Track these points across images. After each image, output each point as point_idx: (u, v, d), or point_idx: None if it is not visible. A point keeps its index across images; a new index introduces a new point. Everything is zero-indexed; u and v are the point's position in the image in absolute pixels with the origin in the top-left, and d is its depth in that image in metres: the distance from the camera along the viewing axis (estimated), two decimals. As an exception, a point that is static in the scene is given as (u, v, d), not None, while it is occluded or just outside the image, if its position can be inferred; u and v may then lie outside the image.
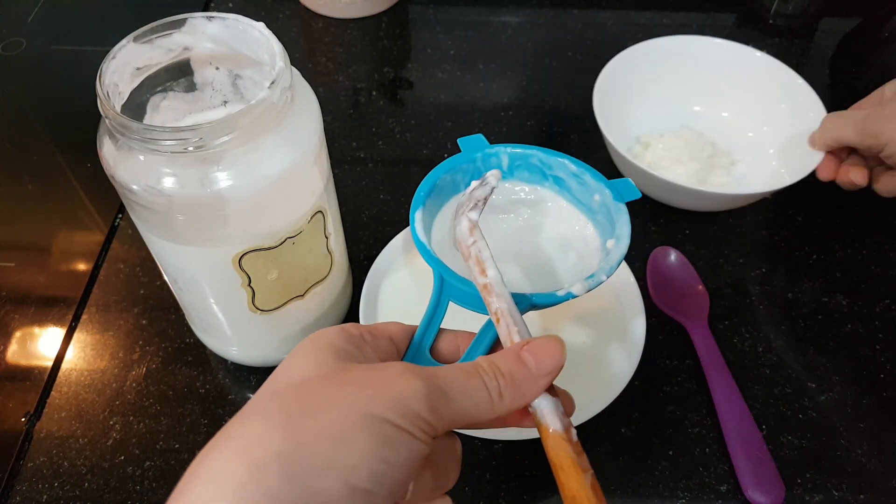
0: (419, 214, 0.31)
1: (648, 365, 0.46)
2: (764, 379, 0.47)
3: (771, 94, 0.58)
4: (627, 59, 0.58)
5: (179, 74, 0.38)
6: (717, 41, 0.59)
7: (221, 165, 0.32)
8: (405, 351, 0.30)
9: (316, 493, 0.20)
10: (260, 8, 0.74)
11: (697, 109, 0.61)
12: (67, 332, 0.49)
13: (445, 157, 0.34)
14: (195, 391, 0.46)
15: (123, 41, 0.35)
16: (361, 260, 0.51)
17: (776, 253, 0.54)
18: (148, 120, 0.38)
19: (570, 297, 0.28)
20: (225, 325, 0.42)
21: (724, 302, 0.51)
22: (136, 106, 0.37)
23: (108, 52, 0.34)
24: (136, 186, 0.32)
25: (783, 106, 0.57)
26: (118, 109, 0.33)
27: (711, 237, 0.55)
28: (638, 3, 0.74)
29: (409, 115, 0.64)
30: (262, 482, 0.20)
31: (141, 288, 0.52)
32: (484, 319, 0.28)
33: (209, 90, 0.40)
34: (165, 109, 0.39)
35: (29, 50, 0.70)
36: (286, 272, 0.39)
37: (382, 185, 0.58)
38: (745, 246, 0.54)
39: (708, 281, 0.51)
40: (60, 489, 0.42)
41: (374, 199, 0.57)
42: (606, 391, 0.41)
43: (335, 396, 0.22)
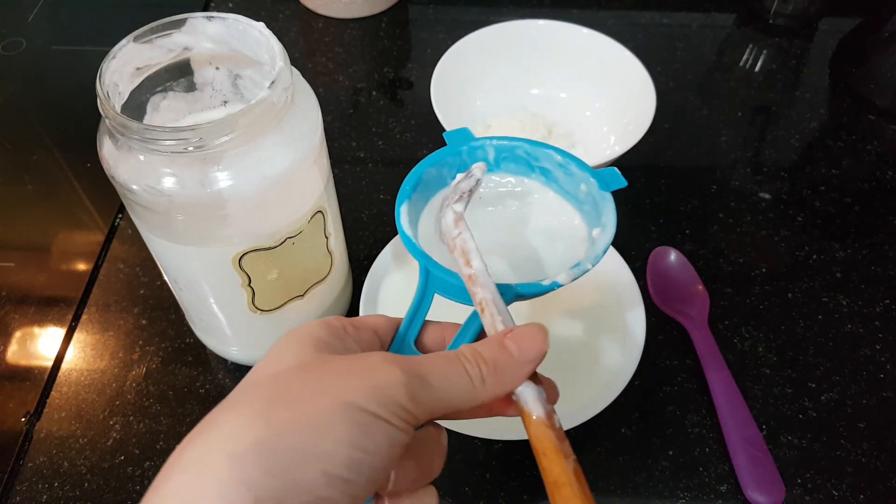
0: (405, 208, 0.31)
1: (648, 365, 0.46)
2: (764, 379, 0.47)
3: (601, 70, 0.59)
4: (470, 43, 0.58)
5: (179, 74, 0.38)
6: (541, 22, 0.60)
7: (221, 165, 0.32)
8: (390, 343, 0.30)
9: (293, 481, 0.20)
10: (260, 8, 0.74)
11: (535, 92, 0.62)
12: (67, 332, 0.49)
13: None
14: (195, 391, 0.46)
15: (123, 41, 0.35)
16: (361, 260, 0.51)
17: (776, 253, 0.54)
18: (148, 120, 0.38)
19: (555, 286, 0.28)
20: (225, 325, 0.42)
21: (724, 302, 0.51)
22: (136, 106, 0.37)
23: (108, 52, 0.34)
24: (136, 186, 0.32)
25: (613, 81, 0.58)
26: (118, 109, 0.33)
27: (711, 237, 0.55)
28: (638, 3, 0.74)
29: (409, 115, 0.64)
30: (239, 471, 0.20)
31: (141, 288, 0.52)
32: (469, 311, 0.28)
33: (209, 90, 0.40)
34: (165, 109, 0.39)
35: (29, 50, 0.70)
36: (286, 272, 0.39)
37: (382, 185, 0.58)
38: (745, 246, 0.54)
39: (708, 281, 0.51)
40: (60, 489, 0.42)
41: (374, 199, 0.57)
42: (606, 391, 0.41)
43: (312, 386, 0.22)
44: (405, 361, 0.24)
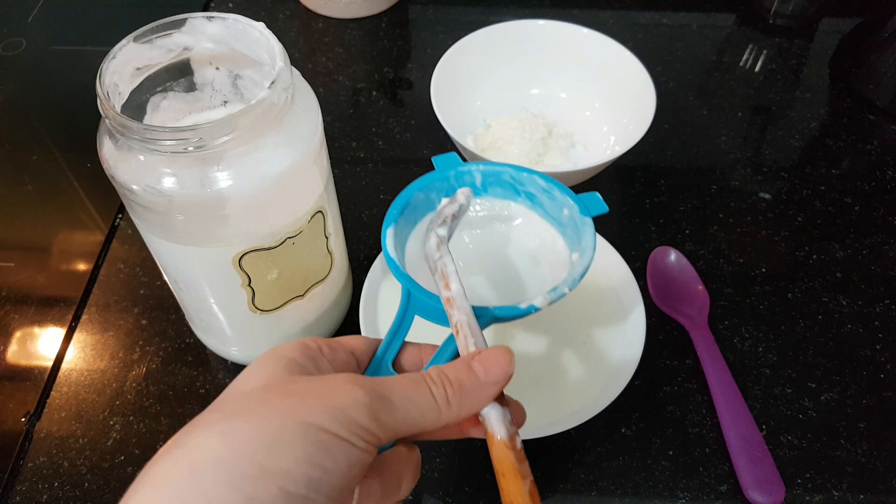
0: (391, 231, 0.31)
1: (648, 365, 0.46)
2: (764, 379, 0.47)
3: (601, 70, 0.59)
4: (470, 43, 0.58)
5: (179, 74, 0.38)
6: (541, 22, 0.60)
7: (221, 165, 0.32)
8: (367, 364, 0.30)
9: (251, 496, 0.21)
10: (260, 8, 0.74)
11: (535, 92, 0.62)
12: (67, 332, 0.49)
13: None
14: (195, 391, 0.46)
15: (123, 41, 0.35)
16: (361, 260, 0.51)
17: (776, 253, 0.54)
18: (148, 120, 0.38)
19: (532, 309, 0.29)
20: (225, 325, 0.42)
21: (724, 302, 0.51)
22: (136, 106, 0.37)
23: (108, 52, 0.34)
24: (136, 186, 0.32)
25: (613, 81, 0.58)
26: (118, 109, 0.33)
27: (711, 237, 0.55)
28: (638, 3, 0.74)
29: (409, 115, 0.64)
30: (199, 486, 0.21)
31: (141, 288, 0.52)
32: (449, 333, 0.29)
33: (209, 90, 0.40)
34: (165, 109, 0.39)
35: (29, 50, 0.70)
36: (286, 272, 0.39)
37: (382, 185, 0.58)
38: (745, 246, 0.54)
39: (708, 281, 0.51)
40: (60, 489, 0.42)
41: (374, 199, 0.57)
42: (606, 391, 0.41)
43: (274, 406, 0.23)
44: (370, 382, 0.24)
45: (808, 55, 0.70)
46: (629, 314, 0.45)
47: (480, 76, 0.60)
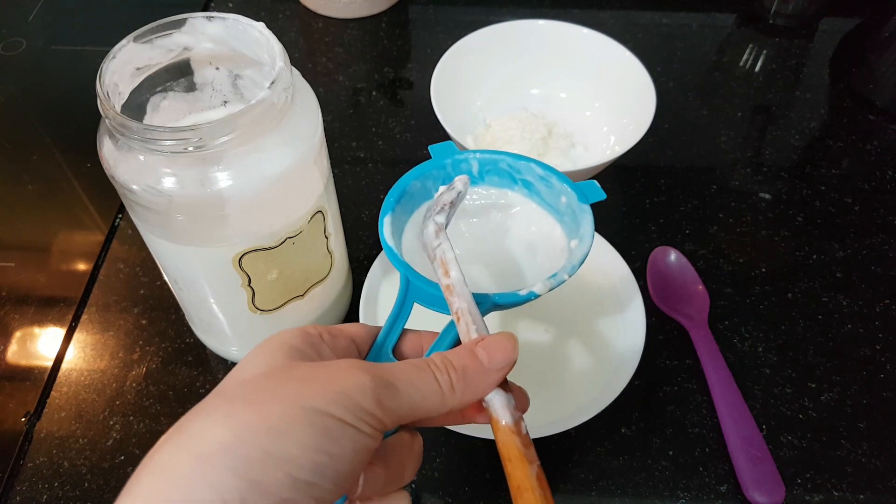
0: (388, 219, 0.31)
1: (648, 365, 0.46)
2: (764, 379, 0.47)
3: (601, 70, 0.59)
4: (470, 43, 0.58)
5: (179, 74, 0.38)
6: (541, 22, 0.60)
7: (221, 165, 0.32)
8: (367, 351, 0.30)
9: (257, 482, 0.20)
10: (260, 8, 0.74)
11: (535, 92, 0.62)
12: (67, 332, 0.49)
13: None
14: (195, 391, 0.46)
15: (123, 41, 0.35)
16: (361, 260, 0.51)
17: (776, 253, 0.54)
18: (148, 120, 0.38)
19: (532, 296, 0.29)
20: (225, 325, 0.42)
21: (724, 302, 0.51)
22: (136, 106, 0.37)
23: (108, 52, 0.34)
24: (136, 186, 0.32)
25: (613, 81, 0.58)
26: (118, 109, 0.33)
27: (711, 237, 0.55)
28: (638, 3, 0.74)
29: (409, 115, 0.64)
30: (204, 473, 0.20)
31: (141, 288, 0.52)
32: (448, 320, 0.29)
33: (209, 90, 0.40)
34: (165, 109, 0.39)
35: (29, 50, 0.70)
36: (286, 272, 0.39)
37: (382, 185, 0.58)
38: (745, 246, 0.54)
39: (708, 281, 0.51)
40: (60, 489, 0.42)
41: (374, 199, 0.57)
42: (606, 391, 0.41)
43: (277, 391, 0.23)
44: (374, 368, 0.24)
45: (808, 55, 0.70)
46: (629, 314, 0.45)
47: (480, 76, 0.60)
